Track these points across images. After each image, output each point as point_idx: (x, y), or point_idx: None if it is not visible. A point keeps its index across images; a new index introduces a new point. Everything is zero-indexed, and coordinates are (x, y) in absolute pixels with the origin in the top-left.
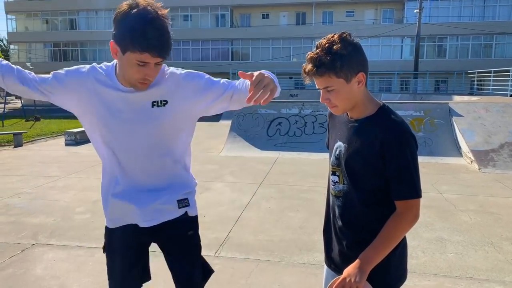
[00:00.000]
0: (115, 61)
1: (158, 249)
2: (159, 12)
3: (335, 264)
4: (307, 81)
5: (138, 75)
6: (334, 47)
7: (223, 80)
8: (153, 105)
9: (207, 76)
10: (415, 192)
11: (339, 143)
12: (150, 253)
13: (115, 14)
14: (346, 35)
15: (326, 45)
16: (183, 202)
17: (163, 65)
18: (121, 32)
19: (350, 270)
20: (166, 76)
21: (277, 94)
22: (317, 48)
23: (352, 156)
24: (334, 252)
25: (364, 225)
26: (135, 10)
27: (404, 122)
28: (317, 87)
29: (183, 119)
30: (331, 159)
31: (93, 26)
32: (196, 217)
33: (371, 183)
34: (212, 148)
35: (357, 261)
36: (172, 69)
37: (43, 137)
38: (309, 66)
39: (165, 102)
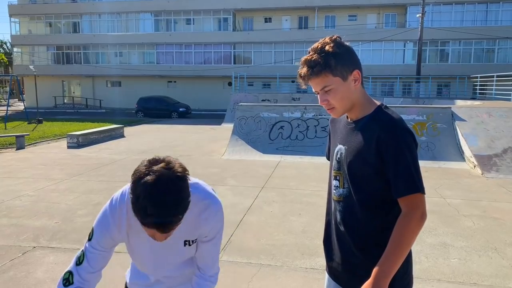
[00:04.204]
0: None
1: None
2: (173, 177)
3: (338, 274)
4: (303, 86)
5: (148, 233)
6: (327, 47)
7: (215, 267)
8: (185, 244)
9: (220, 236)
10: (415, 187)
11: (340, 146)
12: None
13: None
14: (337, 37)
15: (319, 46)
16: None
17: (196, 189)
18: (132, 198)
19: (367, 286)
20: (203, 216)
21: None
22: (310, 52)
23: (352, 156)
24: (336, 261)
25: (367, 230)
26: (145, 179)
27: (401, 120)
28: (314, 90)
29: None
30: (333, 164)
31: (96, 29)
32: None
33: (371, 184)
34: (214, 151)
35: (372, 276)
36: (211, 208)
37: (45, 139)
38: (304, 69)
39: (195, 240)
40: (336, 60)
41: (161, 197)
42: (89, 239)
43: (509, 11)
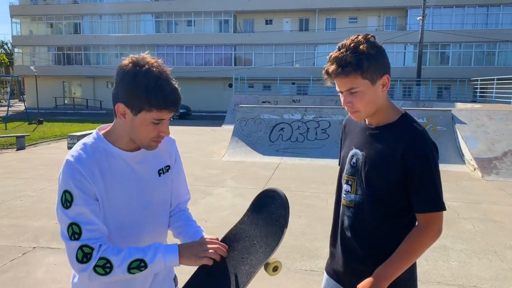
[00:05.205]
0: (94, 131)
1: None
2: (164, 69)
3: (339, 275)
4: (329, 83)
5: (153, 134)
6: (361, 46)
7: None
8: (159, 174)
9: (182, 168)
10: (439, 205)
11: (356, 151)
12: None
13: (119, 74)
14: (371, 36)
15: (352, 45)
16: (175, 280)
17: None
18: (133, 92)
19: (365, 286)
20: (163, 145)
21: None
22: (340, 48)
23: (371, 165)
24: (339, 263)
25: (376, 238)
26: (144, 68)
27: (425, 132)
28: (338, 90)
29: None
30: (346, 167)
31: (97, 30)
32: None
33: (388, 194)
34: (215, 153)
35: (373, 276)
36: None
37: (45, 140)
38: (332, 67)
39: (167, 168)
40: (369, 62)
41: (169, 77)
42: (68, 206)
43: (509, 14)
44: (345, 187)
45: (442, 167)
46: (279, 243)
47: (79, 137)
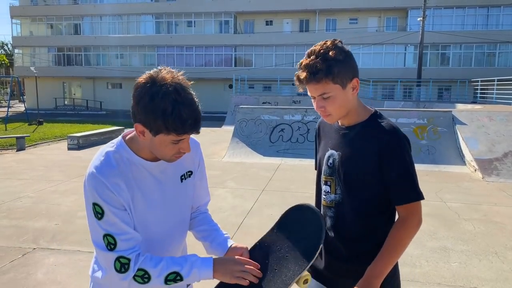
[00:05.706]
0: (119, 138)
1: None
2: (184, 84)
3: (322, 274)
4: (301, 89)
5: (173, 151)
6: (330, 53)
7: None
8: (182, 180)
9: (205, 172)
10: (417, 195)
11: (332, 152)
12: None
13: (136, 93)
14: (339, 41)
15: (321, 51)
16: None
17: None
18: (151, 116)
19: (360, 286)
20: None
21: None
22: (309, 55)
23: (348, 163)
24: (322, 263)
25: (358, 235)
26: (161, 90)
27: (397, 127)
28: (310, 95)
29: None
30: (323, 168)
31: (97, 31)
32: None
33: (367, 191)
34: (215, 153)
35: (364, 277)
36: (192, 141)
37: (45, 141)
38: (304, 74)
39: (190, 173)
40: (338, 67)
41: (187, 98)
42: (100, 218)
43: (510, 15)
44: (324, 188)
45: (443, 168)
46: (314, 258)
47: (79, 138)
